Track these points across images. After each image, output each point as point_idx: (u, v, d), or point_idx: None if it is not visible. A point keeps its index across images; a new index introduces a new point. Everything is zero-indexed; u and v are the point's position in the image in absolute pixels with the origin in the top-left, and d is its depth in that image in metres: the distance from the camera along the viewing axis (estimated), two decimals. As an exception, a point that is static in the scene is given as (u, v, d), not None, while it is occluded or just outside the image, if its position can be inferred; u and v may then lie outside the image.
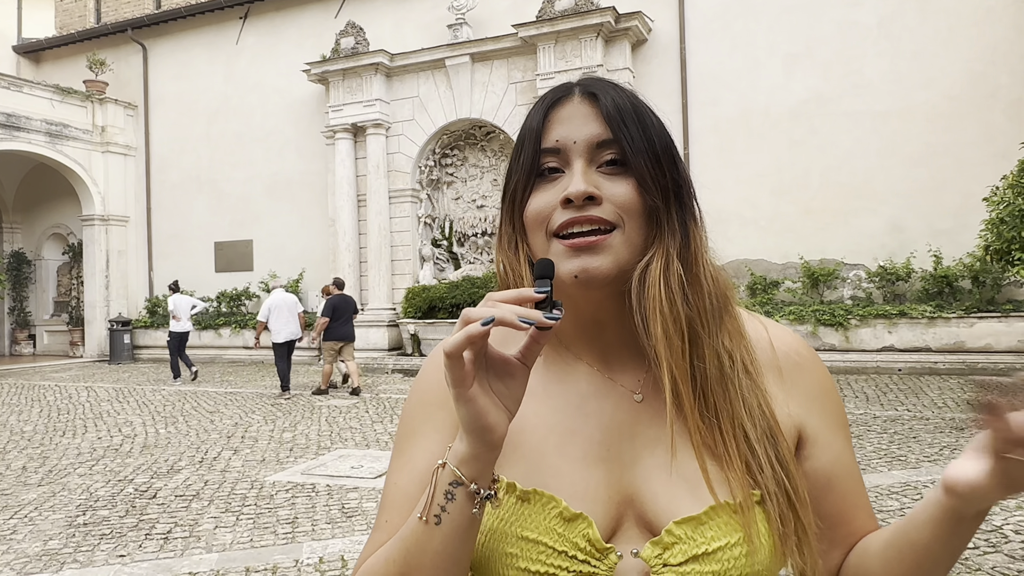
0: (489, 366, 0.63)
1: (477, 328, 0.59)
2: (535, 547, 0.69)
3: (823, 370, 0.80)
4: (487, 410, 0.62)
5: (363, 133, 13.76)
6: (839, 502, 0.77)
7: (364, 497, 5.00)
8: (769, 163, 11.55)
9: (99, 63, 16.42)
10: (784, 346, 0.79)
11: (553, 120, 0.74)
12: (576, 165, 0.72)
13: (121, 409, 9.17)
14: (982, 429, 0.59)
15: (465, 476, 0.64)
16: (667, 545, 0.68)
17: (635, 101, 0.75)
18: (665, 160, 0.73)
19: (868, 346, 10.42)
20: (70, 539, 4.29)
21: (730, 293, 0.77)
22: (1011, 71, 10.31)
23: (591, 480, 0.72)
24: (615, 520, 0.71)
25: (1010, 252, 6.72)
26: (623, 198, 0.71)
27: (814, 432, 0.77)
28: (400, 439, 0.81)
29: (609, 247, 0.70)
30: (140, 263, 16.91)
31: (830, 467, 0.77)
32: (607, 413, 0.75)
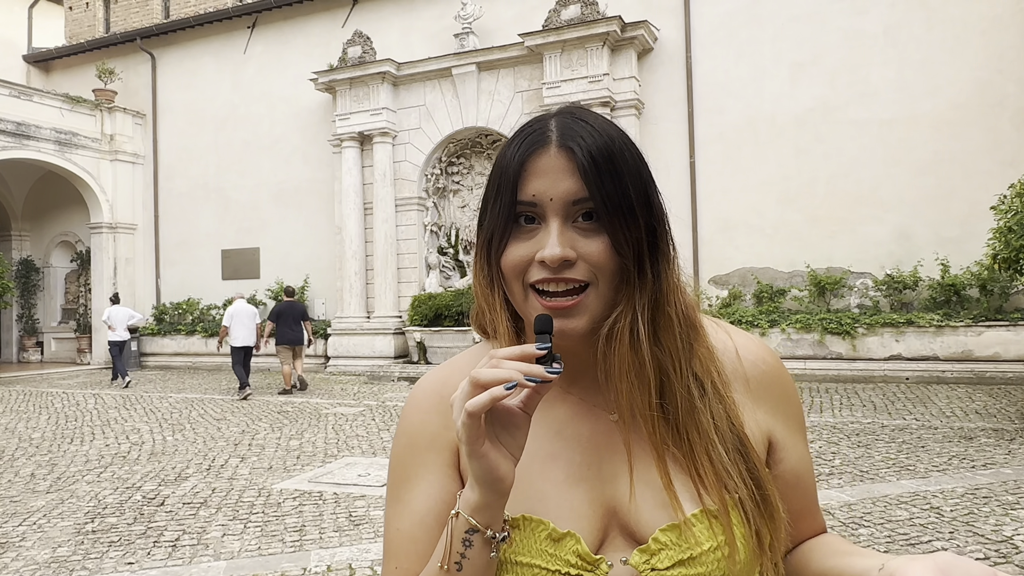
0: (495, 419, 0.66)
1: (501, 392, 0.63)
2: (529, 570, 0.73)
3: (787, 376, 0.86)
4: (498, 463, 0.66)
5: (370, 141, 13.82)
6: (802, 498, 0.85)
7: (371, 505, 5.00)
8: (775, 171, 11.55)
9: (108, 72, 16.54)
10: (750, 355, 0.83)
11: (530, 171, 0.75)
12: (552, 224, 0.73)
13: (128, 416, 9.20)
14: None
15: (480, 523, 0.68)
16: (654, 551, 0.73)
17: (611, 146, 0.74)
18: (640, 207, 0.74)
19: (875, 355, 10.39)
20: (79, 546, 4.30)
21: (696, 314, 0.80)
22: (1018, 79, 10.30)
23: (575, 499, 0.76)
24: (601, 533, 0.75)
25: (1018, 261, 6.69)
26: (597, 257, 0.73)
27: (782, 437, 0.83)
28: (394, 486, 0.83)
29: (584, 307, 0.73)
30: (147, 271, 16.98)
31: (796, 467, 0.84)
32: (584, 435, 0.79)
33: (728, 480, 0.74)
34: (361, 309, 13.81)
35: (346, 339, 13.64)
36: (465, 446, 0.65)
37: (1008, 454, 5.86)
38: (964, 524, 4.21)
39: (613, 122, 0.79)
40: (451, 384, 0.77)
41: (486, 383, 0.64)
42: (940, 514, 4.41)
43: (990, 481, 5.10)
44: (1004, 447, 6.10)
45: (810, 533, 0.88)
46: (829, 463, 5.77)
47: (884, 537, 4.05)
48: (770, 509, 0.76)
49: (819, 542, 0.86)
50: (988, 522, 4.23)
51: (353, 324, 13.66)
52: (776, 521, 0.76)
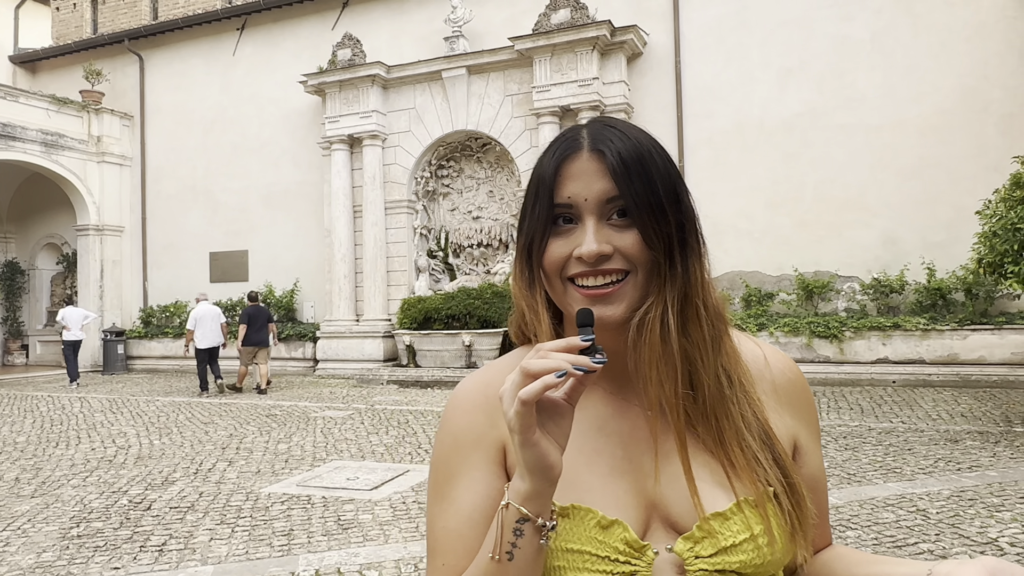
0: (541, 409, 0.69)
1: (553, 379, 0.66)
2: (580, 557, 0.76)
3: (808, 387, 0.92)
4: (548, 451, 0.69)
5: (359, 144, 13.80)
6: (818, 504, 0.88)
7: (360, 509, 4.98)
8: (763, 176, 11.62)
9: (95, 73, 16.44)
10: (778, 364, 0.90)
11: (564, 175, 0.80)
12: (588, 223, 0.78)
13: (115, 420, 9.13)
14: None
15: (531, 512, 0.71)
16: (697, 539, 0.76)
17: (640, 149, 0.79)
18: (669, 205, 0.79)
19: (862, 358, 10.46)
20: (64, 551, 4.26)
21: (724, 310, 0.85)
22: (1003, 86, 10.42)
23: (619, 490, 0.80)
24: (644, 523, 0.79)
25: (1003, 265, 6.75)
26: (631, 249, 0.78)
27: (804, 443, 0.88)
28: (439, 484, 0.86)
29: (622, 295, 0.78)
30: (135, 273, 16.86)
31: (814, 472, 0.89)
32: (625, 431, 0.83)
33: (758, 468, 0.79)
34: (350, 312, 13.77)
35: (335, 342, 13.59)
36: (518, 435, 0.68)
37: (993, 457, 5.91)
38: (950, 526, 4.25)
39: (643, 128, 0.84)
40: (494, 385, 0.81)
41: (537, 373, 0.67)
42: (926, 516, 4.44)
43: (975, 483, 5.14)
44: (989, 450, 6.16)
45: (821, 543, 0.93)
46: (817, 466, 5.80)
47: (871, 539, 4.08)
48: (799, 498, 0.80)
49: (836, 553, 0.90)
50: (973, 524, 4.27)
51: (342, 327, 13.61)
52: (804, 510, 0.80)
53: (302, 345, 14.34)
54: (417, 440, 7.34)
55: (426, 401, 10.10)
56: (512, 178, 13.44)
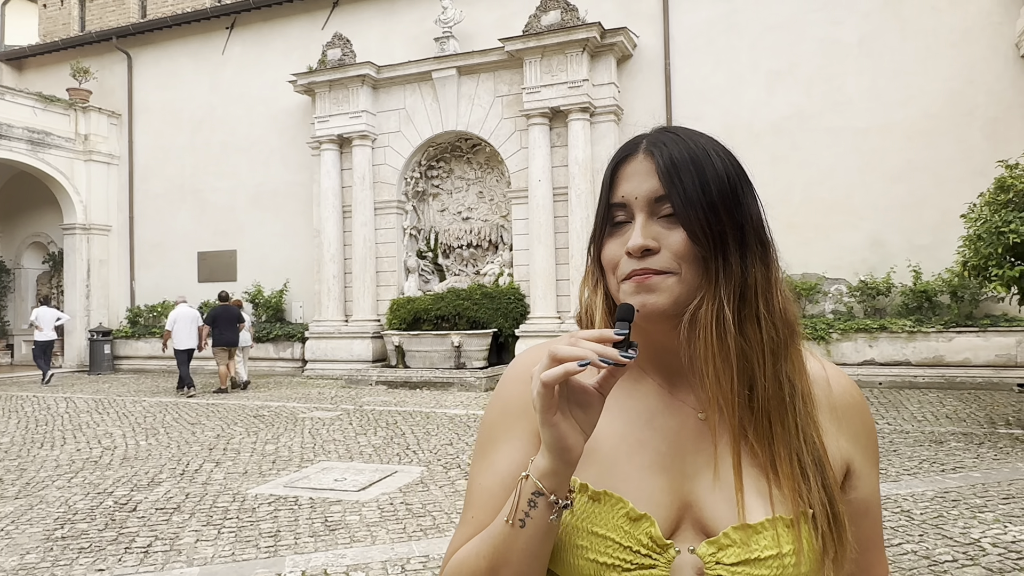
0: (570, 394, 0.72)
1: (575, 367, 0.68)
2: (603, 542, 0.78)
3: (869, 412, 0.91)
4: (567, 433, 0.72)
5: (349, 144, 13.77)
6: (870, 530, 0.89)
7: (347, 510, 4.97)
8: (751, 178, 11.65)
9: (83, 71, 16.32)
10: (839, 387, 0.89)
11: (620, 176, 0.84)
12: (638, 219, 0.81)
13: (101, 420, 9.06)
14: None
15: (546, 488, 0.74)
16: (722, 546, 0.77)
17: (695, 150, 0.81)
18: (723, 205, 0.80)
19: (849, 360, 10.53)
20: (47, 553, 4.23)
21: (795, 317, 0.85)
22: (988, 90, 10.52)
23: (655, 486, 0.81)
24: (674, 523, 0.80)
25: (987, 268, 6.81)
26: (678, 247, 0.79)
27: (859, 467, 0.87)
28: (482, 443, 0.90)
29: (666, 287, 0.79)
30: (122, 273, 16.75)
31: (868, 498, 0.88)
32: (672, 428, 0.84)
33: (804, 486, 0.79)
34: (339, 313, 13.73)
35: (324, 343, 13.55)
36: (539, 414, 0.71)
37: (977, 458, 5.96)
38: (933, 527, 4.28)
39: (709, 136, 0.86)
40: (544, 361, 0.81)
41: (562, 358, 0.69)
42: (910, 517, 4.48)
43: (959, 484, 5.19)
44: (973, 451, 6.22)
45: (876, 569, 0.92)
46: (803, 467, 5.83)
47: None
48: (840, 528, 0.79)
49: None
50: (956, 525, 4.30)
51: (331, 328, 13.58)
52: (843, 541, 0.79)
53: (291, 345, 14.29)
54: (405, 441, 7.33)
55: (415, 402, 10.09)
56: (502, 179, 13.45)
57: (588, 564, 0.78)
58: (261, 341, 14.45)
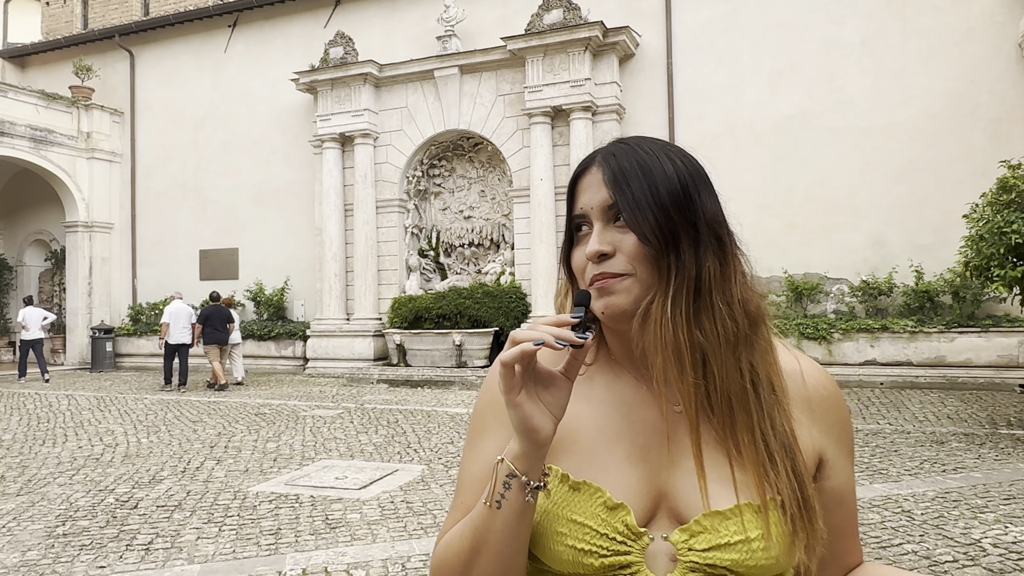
0: (538, 379, 0.78)
1: (530, 347, 0.74)
2: (581, 529, 0.82)
3: (844, 404, 0.93)
4: (532, 414, 0.76)
5: (351, 143, 13.77)
6: (844, 519, 0.92)
7: (348, 508, 4.98)
8: (754, 178, 11.67)
9: (85, 69, 16.33)
10: (814, 380, 0.92)
11: (579, 189, 0.90)
12: (595, 227, 0.86)
13: (103, 418, 9.08)
14: None
15: (519, 470, 0.78)
16: (694, 533, 0.81)
17: (644, 157, 0.86)
18: (674, 206, 0.84)
19: (851, 360, 10.52)
20: (49, 550, 4.24)
21: (762, 319, 0.88)
22: (990, 90, 10.51)
23: (632, 476, 0.85)
24: (650, 511, 0.84)
25: (989, 268, 6.80)
26: (630, 250, 0.84)
27: (832, 457, 0.90)
28: (472, 433, 0.95)
29: (623, 288, 0.84)
30: (124, 270, 16.77)
31: (842, 487, 0.91)
32: (650, 421, 0.87)
33: (771, 472, 0.81)
34: (341, 311, 13.74)
35: (325, 341, 13.56)
36: (503, 395, 0.76)
37: (978, 458, 5.96)
38: (934, 527, 4.28)
39: (665, 142, 0.91)
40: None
41: (519, 340, 0.75)
42: (911, 517, 4.48)
43: (960, 485, 5.18)
44: (974, 452, 6.21)
45: (850, 557, 0.94)
46: (804, 467, 5.83)
47: (856, 540, 4.10)
48: (810, 513, 0.82)
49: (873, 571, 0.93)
50: (957, 525, 4.30)
51: (332, 326, 13.58)
52: (814, 525, 0.82)
53: (292, 344, 14.30)
54: (406, 439, 7.33)
55: (416, 400, 10.09)
56: (504, 178, 13.45)
57: (567, 550, 0.83)
58: (263, 339, 14.48)
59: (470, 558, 0.82)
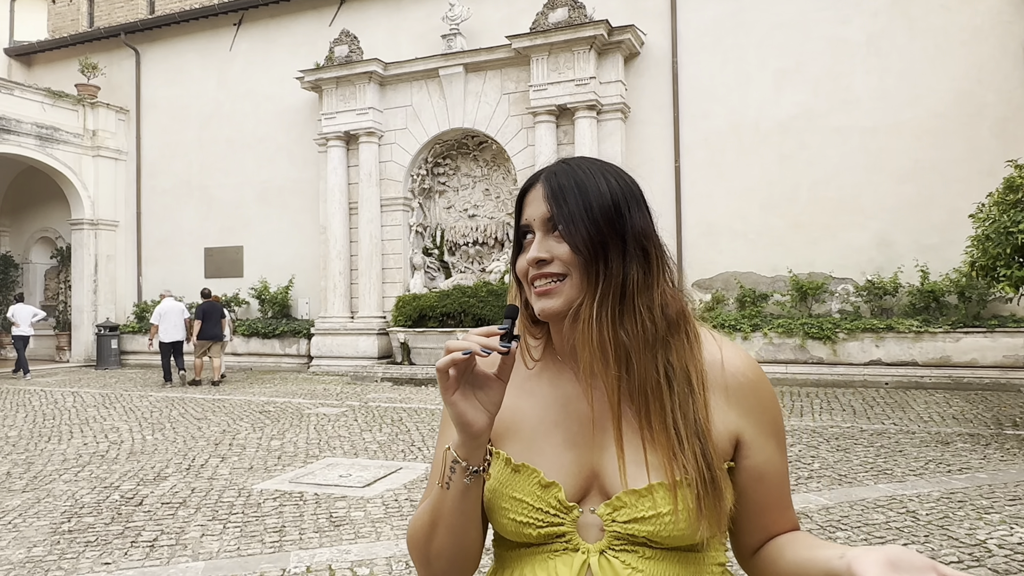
0: (475, 381, 0.90)
1: (458, 356, 0.86)
2: (520, 504, 0.97)
3: (765, 388, 1.02)
4: (466, 411, 0.89)
5: (356, 141, 13.78)
6: (766, 494, 1.01)
7: (352, 506, 4.99)
8: (759, 177, 11.65)
9: (91, 67, 16.37)
10: (732, 367, 1.00)
11: (525, 203, 1.01)
12: (536, 237, 0.98)
13: (108, 415, 9.11)
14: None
15: (460, 457, 0.92)
16: (616, 507, 0.94)
17: (580, 177, 0.98)
18: (604, 220, 0.96)
19: (855, 360, 10.49)
20: (55, 546, 4.25)
21: (681, 314, 0.99)
22: (997, 90, 10.46)
23: (565, 459, 0.98)
24: (583, 489, 0.98)
25: (995, 268, 6.77)
26: (564, 255, 0.96)
27: (750, 437, 0.99)
28: (441, 424, 1.08)
29: (560, 292, 0.96)
30: (129, 268, 16.82)
31: (762, 466, 1.00)
32: (583, 411, 0.99)
33: (680, 456, 0.93)
34: (345, 309, 13.76)
35: (329, 339, 13.58)
36: (441, 394, 0.88)
37: (983, 459, 5.94)
38: (939, 528, 4.27)
39: (606, 162, 1.02)
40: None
41: (451, 349, 0.87)
42: (916, 518, 4.47)
43: (965, 485, 5.17)
44: (980, 452, 6.19)
45: (779, 528, 1.03)
46: (808, 467, 5.83)
47: (861, 540, 4.09)
48: (717, 492, 0.93)
49: (791, 538, 1.01)
50: (962, 526, 4.29)
51: (337, 324, 13.60)
52: (719, 504, 0.93)
53: (296, 341, 14.32)
54: (410, 438, 7.34)
55: (420, 399, 10.10)
56: (508, 176, 13.44)
57: (509, 522, 0.97)
58: (267, 337, 14.50)
59: (430, 531, 0.97)
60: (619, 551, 0.94)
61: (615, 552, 0.94)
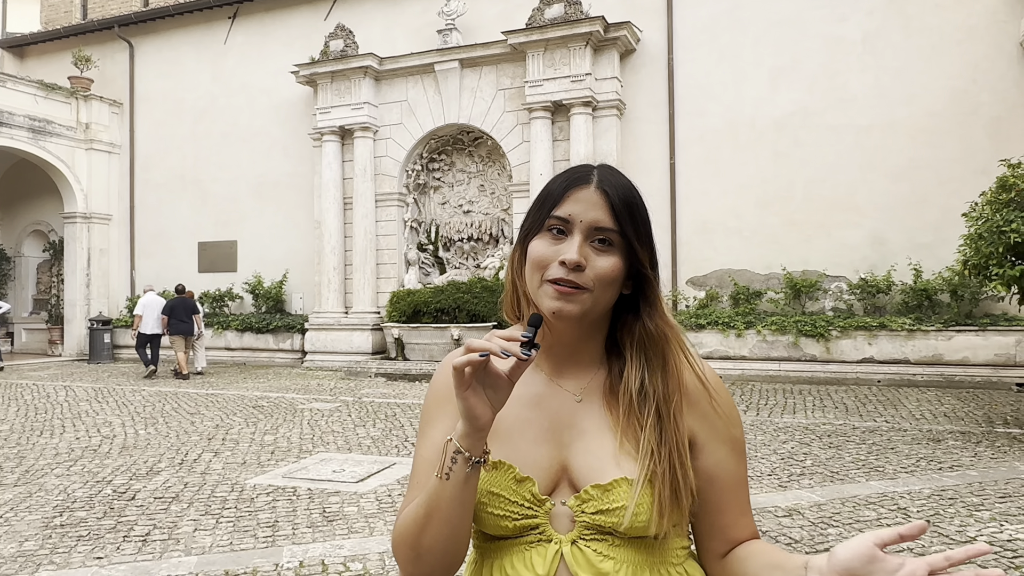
0: (486, 377, 0.92)
1: (475, 358, 0.89)
2: (497, 499, 1.02)
3: (722, 397, 1.09)
4: (475, 405, 0.92)
5: (351, 136, 13.74)
6: (717, 495, 1.07)
7: (345, 501, 4.98)
8: (754, 174, 11.66)
9: (85, 59, 16.27)
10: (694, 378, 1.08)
11: (570, 197, 1.02)
12: (576, 238, 1.00)
13: (100, 409, 9.08)
14: None
15: (463, 447, 0.94)
16: (584, 500, 1.00)
17: (633, 196, 1.03)
18: (646, 241, 1.03)
19: (848, 357, 10.53)
20: (46, 540, 4.24)
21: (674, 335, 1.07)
22: (991, 89, 10.49)
23: (538, 455, 1.04)
24: (554, 483, 1.04)
25: (988, 267, 6.80)
26: (604, 270, 1.00)
27: (702, 441, 1.07)
28: (422, 424, 1.14)
29: (580, 300, 1.00)
30: (122, 262, 16.75)
31: (712, 468, 1.07)
32: (554, 409, 1.07)
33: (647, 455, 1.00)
34: (339, 304, 13.73)
35: (323, 334, 13.56)
36: (455, 389, 0.91)
37: (974, 456, 5.97)
38: (930, 525, 4.29)
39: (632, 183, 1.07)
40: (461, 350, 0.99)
41: (471, 349, 0.90)
42: (907, 515, 4.49)
43: (956, 483, 5.20)
44: (971, 450, 6.23)
45: (735, 532, 1.08)
46: (801, 464, 5.85)
47: (852, 537, 4.11)
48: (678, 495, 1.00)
49: (753, 547, 1.06)
50: (953, 523, 4.32)
51: (331, 319, 13.58)
52: (680, 504, 1.01)
53: (290, 336, 14.30)
54: (404, 433, 7.34)
55: (414, 394, 10.10)
56: (503, 172, 13.43)
57: (488, 516, 1.02)
58: (261, 332, 14.47)
59: (424, 523, 0.98)
60: (589, 540, 1.00)
61: (585, 541, 1.00)
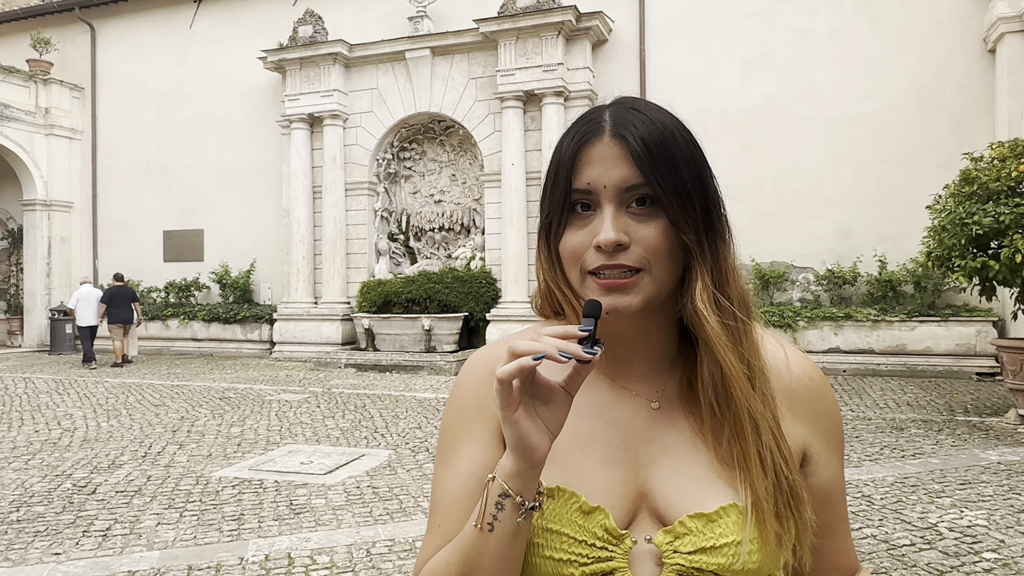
0: (535, 392, 0.70)
1: (528, 362, 0.65)
2: (558, 538, 0.76)
3: (830, 396, 0.87)
4: (529, 432, 0.69)
5: (320, 124, 13.55)
6: (831, 515, 0.86)
7: (313, 493, 4.92)
8: (724, 166, 11.65)
9: (44, 42, 15.80)
10: (798, 369, 0.85)
11: (584, 160, 0.77)
12: (607, 210, 0.76)
13: (61, 401, 8.87)
14: None
15: (512, 489, 0.71)
16: (679, 535, 0.76)
17: (664, 132, 0.77)
18: (695, 190, 0.77)
19: (815, 347, 10.69)
20: (2, 536, 4.12)
21: (751, 306, 0.83)
22: (955, 84, 10.67)
23: (608, 478, 0.79)
24: (630, 513, 0.79)
25: (950, 259, 6.93)
26: (651, 241, 0.75)
27: (817, 452, 0.84)
28: (443, 448, 0.87)
29: (637, 287, 0.76)
30: (84, 251, 16.36)
31: (828, 483, 0.85)
32: (624, 420, 0.82)
33: (757, 470, 0.76)
34: (308, 295, 13.57)
35: (292, 325, 13.40)
36: (500, 411, 0.69)
37: (936, 444, 6.10)
38: (893, 512, 4.37)
39: (667, 110, 0.81)
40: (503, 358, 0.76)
41: (519, 353, 0.66)
42: (871, 502, 4.56)
43: (918, 470, 5.30)
44: (932, 438, 6.36)
45: (839, 557, 0.89)
46: (768, 452, 5.92)
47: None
48: (800, 510, 0.78)
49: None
50: (915, 509, 4.40)
51: (300, 310, 13.42)
52: (804, 519, 0.78)
53: (258, 327, 14.10)
54: (373, 424, 7.28)
55: (384, 385, 10.03)
56: (475, 162, 13.35)
57: (545, 562, 0.77)
58: (228, 322, 14.25)
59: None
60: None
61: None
